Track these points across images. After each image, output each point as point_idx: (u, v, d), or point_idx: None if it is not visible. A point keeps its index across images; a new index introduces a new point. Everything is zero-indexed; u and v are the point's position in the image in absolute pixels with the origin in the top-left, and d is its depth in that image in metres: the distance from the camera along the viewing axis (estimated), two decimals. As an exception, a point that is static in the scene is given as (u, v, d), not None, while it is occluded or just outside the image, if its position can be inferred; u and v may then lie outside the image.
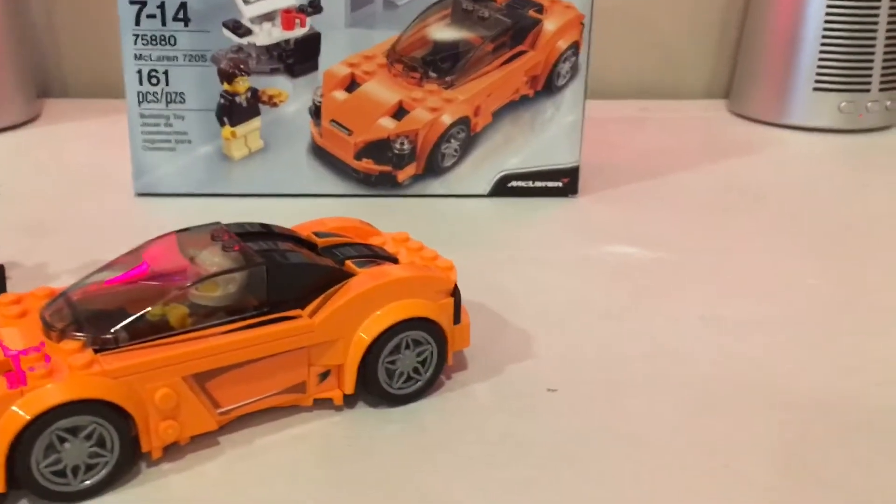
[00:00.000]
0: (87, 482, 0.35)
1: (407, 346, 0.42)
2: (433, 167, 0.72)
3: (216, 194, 0.71)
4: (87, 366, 0.35)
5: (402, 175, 0.72)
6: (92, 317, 0.37)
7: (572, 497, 0.37)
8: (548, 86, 0.71)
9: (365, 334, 0.41)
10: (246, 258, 0.40)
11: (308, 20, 0.68)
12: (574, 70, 0.71)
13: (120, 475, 0.36)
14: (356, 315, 0.41)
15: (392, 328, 0.41)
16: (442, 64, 0.69)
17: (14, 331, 0.38)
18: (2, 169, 0.59)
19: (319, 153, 0.71)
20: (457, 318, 0.44)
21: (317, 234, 0.46)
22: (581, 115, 0.72)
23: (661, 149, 0.88)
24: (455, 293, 0.44)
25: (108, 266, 0.41)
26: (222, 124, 0.70)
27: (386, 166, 0.71)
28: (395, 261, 0.45)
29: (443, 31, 0.70)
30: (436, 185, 0.73)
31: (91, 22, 1.01)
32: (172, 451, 0.38)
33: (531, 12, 0.70)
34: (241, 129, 0.70)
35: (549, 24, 0.70)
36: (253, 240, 0.42)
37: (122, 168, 0.75)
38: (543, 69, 0.71)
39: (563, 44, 0.70)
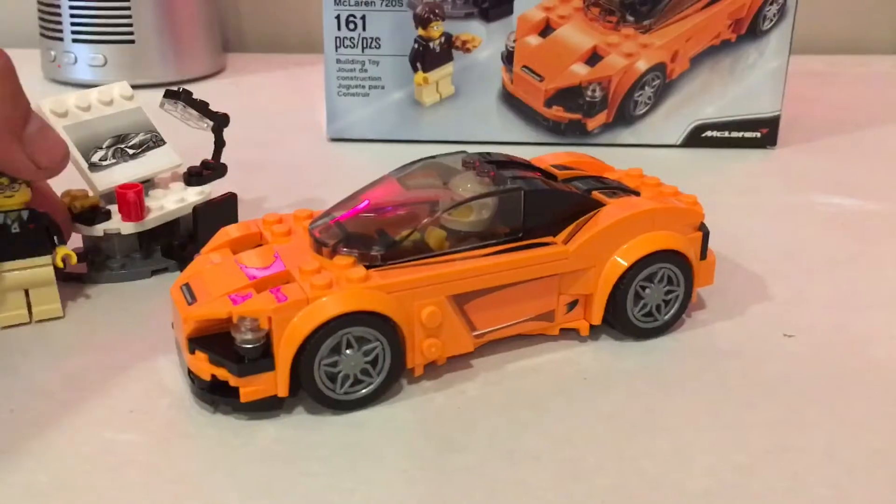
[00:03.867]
0: (356, 394, 0.36)
1: (657, 280, 0.41)
2: (624, 115, 0.70)
3: (405, 140, 0.71)
4: (362, 280, 0.36)
5: (593, 123, 0.70)
6: (358, 236, 0.38)
7: (805, 446, 0.35)
8: (751, 30, 0.68)
9: (621, 262, 0.40)
10: (501, 184, 0.40)
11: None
12: (781, 12, 0.67)
13: (387, 390, 0.37)
14: (609, 244, 0.40)
15: (644, 259, 0.40)
16: (641, 6, 0.67)
17: (272, 249, 0.39)
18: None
19: (510, 100, 0.70)
20: (703, 253, 0.43)
21: (555, 167, 0.45)
22: (786, 61, 0.68)
23: (855, 103, 0.83)
24: (703, 227, 0.43)
25: (362, 191, 0.41)
26: (415, 70, 0.70)
27: (576, 114, 0.70)
28: (637, 194, 0.44)
29: (643, -26, 0.68)
30: (626, 135, 0.71)
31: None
32: (431, 370, 0.39)
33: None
34: (433, 75, 0.70)
35: (756, -35, 0.67)
36: (501, 168, 0.42)
37: (310, 116, 0.77)
38: (748, 12, 0.68)
39: (769, -15, 0.67)
